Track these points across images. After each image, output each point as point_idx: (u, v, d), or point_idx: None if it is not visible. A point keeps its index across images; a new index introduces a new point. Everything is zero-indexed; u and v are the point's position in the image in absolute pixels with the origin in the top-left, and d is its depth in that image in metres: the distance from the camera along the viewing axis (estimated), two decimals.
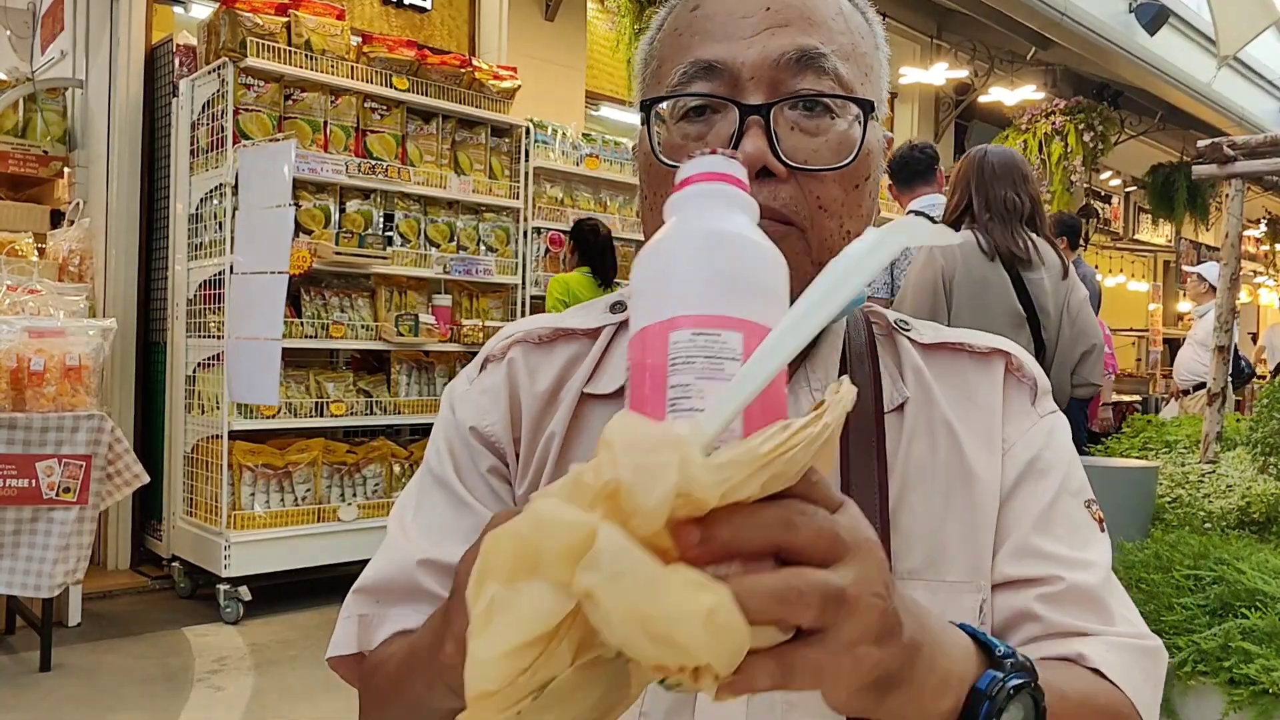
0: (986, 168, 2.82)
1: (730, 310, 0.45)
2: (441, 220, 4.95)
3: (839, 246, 0.69)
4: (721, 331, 0.44)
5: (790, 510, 0.42)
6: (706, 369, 0.44)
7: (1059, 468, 0.73)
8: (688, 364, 0.44)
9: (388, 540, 0.77)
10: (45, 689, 3.25)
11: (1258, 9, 7.41)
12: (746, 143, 0.66)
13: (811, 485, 0.43)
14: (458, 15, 6.19)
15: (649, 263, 0.48)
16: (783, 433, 0.40)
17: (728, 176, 0.49)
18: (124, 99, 4.70)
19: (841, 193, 0.69)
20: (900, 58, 8.60)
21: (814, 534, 0.42)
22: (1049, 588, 0.68)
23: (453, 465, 0.77)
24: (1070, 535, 0.71)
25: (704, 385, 0.44)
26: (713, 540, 0.40)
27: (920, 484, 0.71)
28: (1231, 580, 2.13)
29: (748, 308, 0.45)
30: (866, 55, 0.72)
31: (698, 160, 0.50)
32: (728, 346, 0.44)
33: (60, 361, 3.42)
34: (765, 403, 0.43)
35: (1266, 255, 13.43)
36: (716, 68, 0.68)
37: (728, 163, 0.50)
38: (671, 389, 0.44)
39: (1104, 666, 0.64)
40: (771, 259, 0.48)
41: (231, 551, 4.02)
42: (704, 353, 0.44)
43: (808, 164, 0.67)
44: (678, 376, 0.44)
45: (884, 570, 0.45)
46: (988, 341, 0.76)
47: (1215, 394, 3.18)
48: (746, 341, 0.44)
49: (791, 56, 0.67)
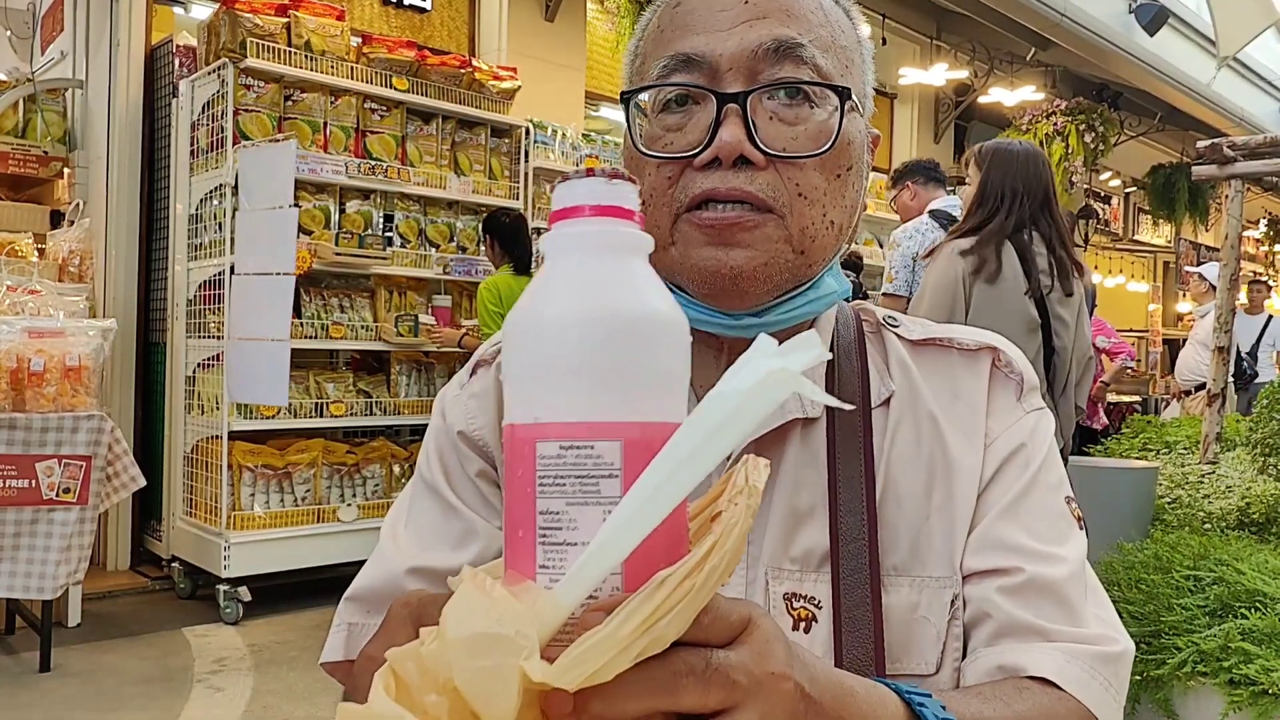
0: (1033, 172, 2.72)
1: (608, 413, 0.38)
2: (441, 220, 4.95)
3: (821, 235, 0.69)
4: (595, 443, 0.38)
5: (673, 671, 0.38)
6: (579, 492, 0.38)
7: (1037, 460, 0.73)
8: (557, 487, 0.39)
9: (379, 546, 0.77)
10: (45, 689, 3.25)
11: (1258, 9, 7.41)
12: (724, 131, 0.66)
13: (702, 629, 0.39)
14: (458, 15, 6.19)
15: (517, 340, 0.41)
16: (653, 597, 0.36)
17: (614, 209, 0.41)
18: (124, 99, 4.70)
19: (824, 181, 0.69)
20: (900, 58, 8.61)
21: (701, 691, 0.39)
22: (1009, 579, 0.67)
23: (442, 471, 0.77)
24: (1041, 528, 0.70)
25: (576, 513, 0.38)
26: (586, 711, 0.37)
27: (904, 477, 0.71)
28: (1231, 581, 2.13)
29: (633, 406, 0.39)
30: (847, 49, 0.72)
31: (575, 185, 0.42)
32: (603, 462, 0.38)
33: (60, 362, 3.42)
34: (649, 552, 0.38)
35: (1266, 255, 13.43)
36: (695, 60, 0.69)
37: (614, 189, 0.41)
38: (541, 516, 0.39)
39: (1062, 680, 0.63)
40: (668, 331, 0.40)
41: (231, 552, 4.02)
42: (575, 472, 0.38)
43: (786, 151, 0.67)
44: (546, 501, 0.39)
45: (791, 702, 0.42)
46: (977, 338, 0.76)
47: (1215, 394, 3.18)
48: (626, 452, 0.38)
49: (769, 46, 0.68)
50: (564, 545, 0.39)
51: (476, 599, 0.37)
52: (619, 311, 0.39)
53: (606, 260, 0.41)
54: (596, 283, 0.40)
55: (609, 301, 0.39)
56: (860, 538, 0.68)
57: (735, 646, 0.41)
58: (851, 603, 0.67)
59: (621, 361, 0.39)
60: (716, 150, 0.66)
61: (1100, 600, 0.71)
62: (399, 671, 0.37)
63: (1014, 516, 0.70)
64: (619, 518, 0.37)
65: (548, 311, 0.40)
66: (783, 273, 0.68)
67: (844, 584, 0.68)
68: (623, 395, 0.39)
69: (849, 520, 0.69)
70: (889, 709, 0.51)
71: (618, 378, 0.39)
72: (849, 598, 0.67)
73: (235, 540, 4.04)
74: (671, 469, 0.37)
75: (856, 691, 0.49)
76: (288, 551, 4.23)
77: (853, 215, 0.73)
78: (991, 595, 0.68)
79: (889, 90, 9.22)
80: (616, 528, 0.37)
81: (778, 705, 0.41)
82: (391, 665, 0.37)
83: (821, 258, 0.70)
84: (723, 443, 0.37)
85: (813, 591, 0.68)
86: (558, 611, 0.37)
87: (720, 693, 0.39)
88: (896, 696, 0.53)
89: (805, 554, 0.69)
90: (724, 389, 0.37)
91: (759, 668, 0.41)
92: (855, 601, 0.67)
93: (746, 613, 0.42)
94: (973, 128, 10.12)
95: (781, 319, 0.71)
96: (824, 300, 0.73)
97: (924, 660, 0.68)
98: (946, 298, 2.66)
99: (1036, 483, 0.72)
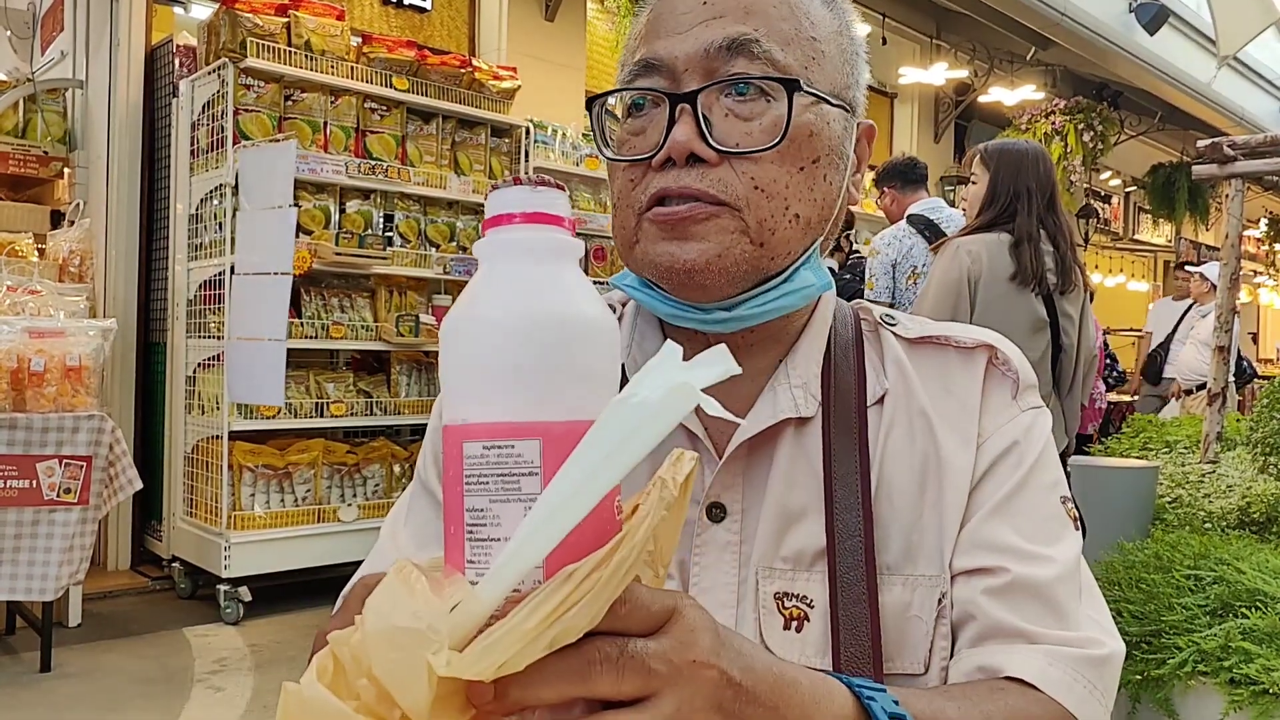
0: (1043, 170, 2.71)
1: (529, 413, 0.40)
2: (441, 220, 4.95)
3: (783, 228, 0.68)
4: (515, 443, 0.40)
5: (586, 659, 0.39)
6: (501, 490, 0.40)
7: (1030, 459, 0.72)
8: (481, 485, 0.41)
9: (377, 546, 0.78)
10: (45, 689, 3.25)
11: (1258, 9, 7.41)
12: (675, 130, 0.67)
13: (619, 618, 0.40)
14: (458, 15, 6.19)
15: (449, 341, 0.43)
16: (560, 589, 0.37)
17: (542, 215, 0.43)
18: (124, 99, 4.70)
19: (784, 174, 0.68)
20: (900, 58, 8.61)
21: (615, 678, 0.40)
22: (994, 580, 0.67)
23: (436, 472, 0.78)
24: (1032, 528, 0.69)
25: (499, 509, 0.40)
26: (504, 697, 0.39)
27: (897, 476, 0.71)
28: (1231, 580, 2.13)
29: (554, 404, 0.41)
30: (819, 41, 0.71)
31: (503, 194, 0.44)
32: (523, 460, 0.40)
33: (60, 362, 3.42)
34: (574, 548, 0.39)
35: (1266, 255, 13.43)
36: (655, 64, 0.70)
37: (540, 195, 0.43)
38: (468, 513, 0.41)
39: (1042, 682, 0.63)
40: (592, 333, 0.42)
41: (231, 552, 4.02)
42: (496, 470, 0.40)
43: (739, 147, 0.67)
44: (473, 499, 0.41)
45: (715, 689, 0.43)
46: (974, 335, 0.76)
47: (1215, 394, 3.18)
48: (546, 450, 0.40)
49: (721, 44, 0.68)
50: (489, 541, 0.40)
51: (398, 592, 0.38)
52: (539, 314, 0.41)
53: (531, 265, 0.42)
54: (520, 287, 0.41)
55: (531, 304, 0.41)
56: (856, 535, 0.68)
57: (657, 636, 0.42)
58: (848, 601, 0.67)
59: (542, 362, 0.40)
60: (669, 150, 0.67)
61: (1095, 602, 0.71)
62: (338, 654, 0.39)
63: (1003, 516, 0.70)
64: (533, 521, 0.38)
65: (473, 314, 0.42)
66: (740, 265, 0.68)
67: (840, 582, 0.67)
68: (542, 395, 0.40)
69: (845, 518, 0.68)
70: (835, 702, 0.51)
71: (538, 378, 0.40)
72: (845, 596, 0.67)
73: (235, 540, 4.04)
74: (580, 478, 0.38)
75: (800, 683, 0.49)
76: (288, 551, 4.23)
77: (826, 209, 0.72)
78: (976, 597, 0.67)
79: (889, 90, 9.22)
80: (532, 530, 0.38)
81: (698, 693, 0.42)
82: (332, 648, 0.39)
83: (786, 251, 0.70)
84: (629, 454, 0.38)
85: (805, 590, 0.68)
86: (480, 606, 0.38)
87: (635, 679, 0.40)
88: (846, 689, 0.52)
89: (797, 553, 0.69)
90: (628, 398, 0.39)
91: (679, 656, 0.41)
92: (852, 600, 0.67)
93: (671, 603, 0.43)
94: (973, 127, 10.12)
95: (754, 313, 0.70)
96: (799, 294, 0.72)
97: (915, 660, 0.68)
98: (950, 296, 2.65)
99: (1029, 482, 0.71)
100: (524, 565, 0.38)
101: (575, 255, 0.44)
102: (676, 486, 0.41)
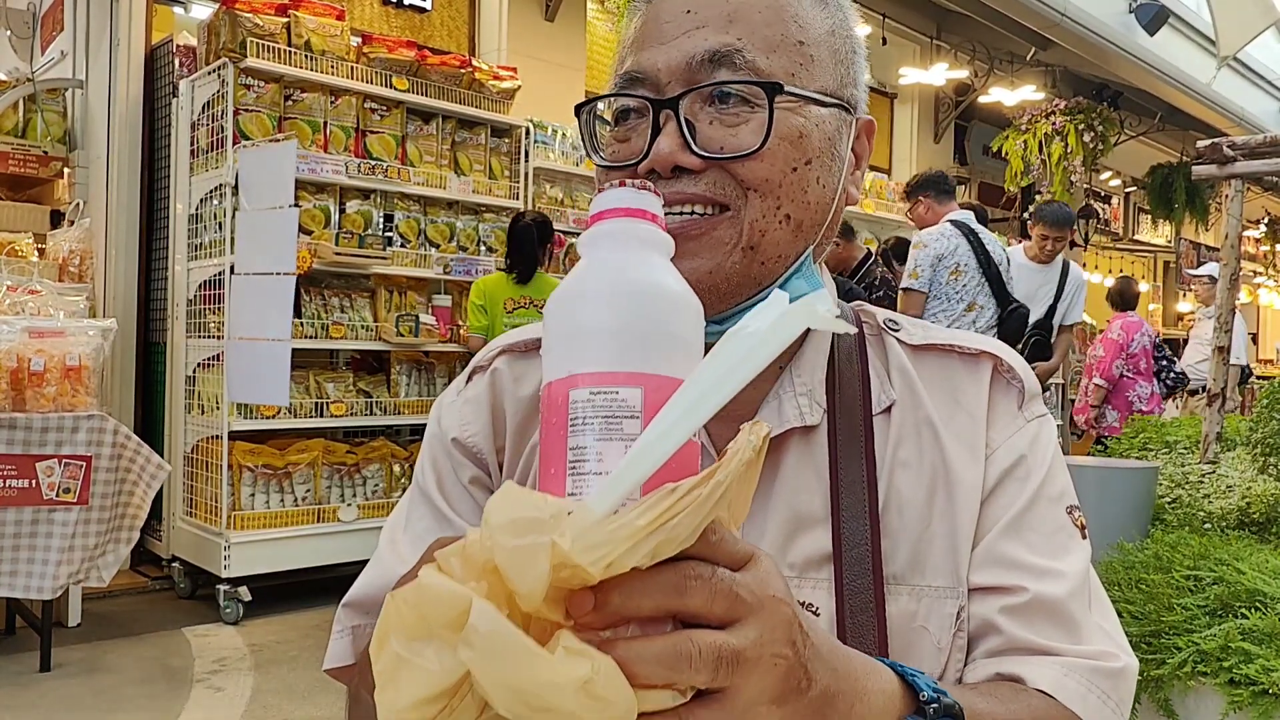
0: None
1: (630, 365, 0.44)
2: (441, 220, 4.95)
3: (773, 230, 0.68)
4: (619, 389, 0.44)
5: (683, 574, 0.41)
6: (604, 430, 0.44)
7: (1039, 472, 0.72)
8: (586, 425, 0.44)
9: (377, 553, 0.77)
10: (45, 689, 3.25)
11: (1258, 9, 7.41)
12: (660, 141, 0.67)
13: (710, 545, 0.42)
14: (458, 15, 6.19)
15: (555, 312, 0.48)
16: (665, 499, 0.40)
17: (639, 211, 0.48)
18: (124, 99, 4.70)
19: (777, 174, 0.68)
20: (900, 58, 8.61)
21: (708, 596, 0.42)
22: (1013, 599, 0.67)
23: (435, 479, 0.78)
24: (1042, 542, 0.70)
25: (602, 447, 0.44)
26: (604, 607, 0.40)
27: (905, 486, 0.71)
28: (1231, 580, 2.13)
29: (651, 361, 0.45)
30: (807, 45, 0.70)
31: (608, 194, 0.49)
32: (626, 404, 0.44)
33: (60, 362, 3.42)
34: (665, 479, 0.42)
35: (1266, 255, 13.43)
36: (638, 77, 0.70)
37: (639, 196, 0.49)
38: (571, 451, 0.44)
39: (1057, 691, 0.63)
40: (680, 303, 0.47)
41: (231, 552, 4.02)
42: (601, 413, 0.44)
43: (723, 151, 0.67)
44: (576, 438, 0.44)
45: (790, 627, 0.44)
46: (977, 343, 0.76)
47: (1215, 394, 3.17)
48: (647, 397, 0.44)
49: (703, 57, 0.68)
50: (589, 475, 0.44)
51: (518, 494, 0.41)
52: (636, 285, 0.46)
53: (627, 249, 0.48)
54: (618, 265, 0.47)
55: (629, 277, 0.46)
56: (864, 543, 0.68)
57: (744, 570, 0.44)
58: (854, 609, 0.67)
59: (640, 325, 0.45)
60: (652, 163, 0.67)
61: (1104, 610, 0.71)
62: (443, 567, 0.41)
63: (1016, 532, 0.70)
64: (647, 437, 0.42)
65: (581, 287, 0.47)
66: (731, 280, 0.68)
67: (847, 590, 0.67)
68: (642, 353, 0.45)
69: (852, 526, 0.68)
70: (882, 677, 0.53)
71: (637, 338, 0.45)
72: (851, 604, 0.67)
73: (235, 540, 4.04)
74: (695, 397, 0.42)
75: (851, 654, 0.51)
76: (288, 551, 4.23)
77: (819, 212, 0.71)
78: (994, 616, 0.68)
79: (889, 90, 9.22)
80: (645, 445, 0.42)
81: (777, 626, 0.44)
82: (438, 562, 0.41)
83: (777, 254, 0.69)
84: (739, 377, 0.42)
85: (810, 598, 0.68)
86: (590, 515, 0.40)
87: (725, 602, 0.42)
88: (888, 668, 0.54)
89: (804, 560, 0.69)
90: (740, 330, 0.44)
91: (761, 589, 0.44)
92: (858, 607, 0.67)
93: (750, 549, 0.45)
94: (973, 127, 10.12)
95: None
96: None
97: (920, 669, 0.68)
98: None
99: (1038, 496, 0.71)
100: (636, 477, 0.41)
101: (665, 247, 0.49)
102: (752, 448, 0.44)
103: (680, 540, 0.40)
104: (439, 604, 0.39)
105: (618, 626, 0.41)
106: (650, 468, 0.41)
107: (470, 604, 0.38)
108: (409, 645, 0.40)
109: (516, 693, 0.38)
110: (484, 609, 0.38)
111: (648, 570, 0.41)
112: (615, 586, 0.40)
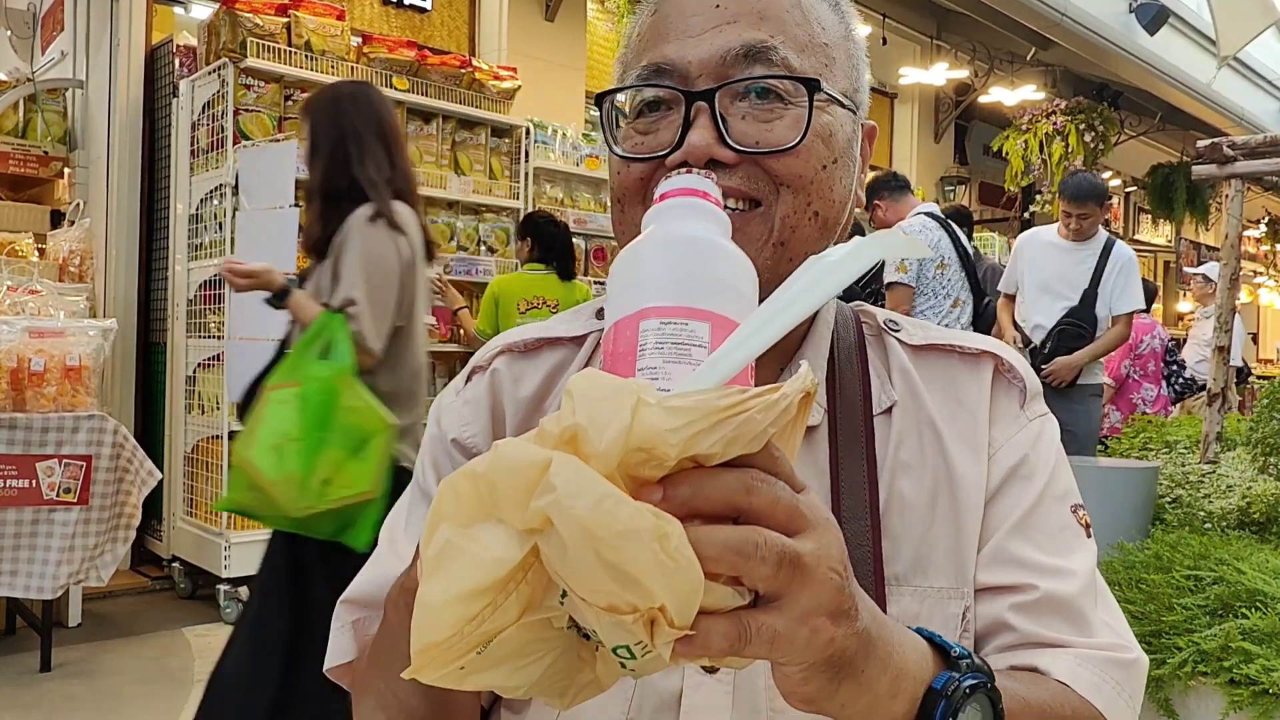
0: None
1: (698, 303, 0.47)
2: (442, 221, 4.94)
3: (804, 227, 0.68)
4: (689, 321, 0.46)
5: (751, 476, 0.42)
6: (674, 353, 0.46)
7: (1043, 471, 0.72)
8: (656, 349, 0.46)
9: (376, 553, 0.77)
10: (45, 689, 3.25)
11: (1258, 9, 7.41)
12: (693, 135, 0.66)
13: (774, 459, 0.44)
14: (458, 15, 6.19)
15: (623, 266, 0.50)
16: (740, 394, 0.41)
17: (701, 192, 0.53)
18: (124, 99, 4.70)
19: (810, 170, 0.68)
20: (900, 58, 8.61)
21: (773, 501, 0.42)
22: (1023, 596, 0.68)
23: (435, 479, 0.77)
24: (1050, 541, 0.70)
25: (671, 369, 0.45)
26: (673, 498, 0.41)
27: (907, 487, 0.70)
28: (1231, 580, 2.13)
29: (716, 303, 0.47)
30: (830, 46, 0.71)
31: (675, 178, 0.53)
32: (695, 335, 0.46)
33: (60, 362, 3.42)
34: None
35: (1266, 255, 13.44)
36: (666, 69, 0.69)
37: (702, 180, 0.53)
38: (640, 371, 0.46)
39: (1072, 680, 0.64)
40: (741, 264, 0.50)
41: (231, 552, 4.02)
42: (671, 339, 0.46)
43: (759, 145, 0.67)
44: (646, 360, 0.46)
45: (843, 551, 0.45)
46: (978, 343, 0.75)
47: (1215, 394, 3.17)
48: (714, 332, 0.46)
49: (738, 51, 0.67)
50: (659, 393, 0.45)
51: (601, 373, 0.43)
52: (702, 241, 0.50)
53: (691, 219, 0.52)
54: (685, 228, 0.51)
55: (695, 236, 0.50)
56: (865, 544, 0.68)
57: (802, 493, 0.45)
58: None
59: (709, 273, 0.48)
60: (685, 155, 0.66)
61: (1110, 607, 0.71)
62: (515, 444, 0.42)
63: (1023, 532, 0.70)
64: (735, 338, 0.44)
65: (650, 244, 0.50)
66: (760, 275, 0.67)
67: None
68: (710, 295, 0.47)
69: (853, 526, 0.68)
70: (910, 634, 0.54)
71: (707, 283, 0.48)
72: None
73: (235, 540, 4.04)
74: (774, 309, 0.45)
75: (886, 619, 0.52)
76: None
77: (840, 211, 0.72)
78: (1005, 613, 0.68)
79: (889, 90, 9.22)
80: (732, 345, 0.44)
81: (833, 544, 0.45)
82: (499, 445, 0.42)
83: (804, 251, 0.69)
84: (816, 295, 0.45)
85: None
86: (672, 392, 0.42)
87: (786, 511, 0.43)
88: (917, 634, 0.55)
89: None
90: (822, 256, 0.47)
91: (820, 512, 0.45)
92: None
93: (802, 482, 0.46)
94: (973, 127, 10.13)
95: None
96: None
97: None
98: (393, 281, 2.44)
99: (1044, 496, 0.71)
100: (719, 376, 0.43)
101: (722, 222, 0.52)
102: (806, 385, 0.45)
103: (749, 439, 0.41)
104: (516, 467, 0.39)
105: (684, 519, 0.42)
106: (731, 369, 0.43)
107: (550, 462, 0.38)
108: (464, 532, 0.40)
109: (593, 539, 0.37)
110: (567, 460, 0.39)
111: (717, 467, 0.41)
112: (683, 479, 0.41)
